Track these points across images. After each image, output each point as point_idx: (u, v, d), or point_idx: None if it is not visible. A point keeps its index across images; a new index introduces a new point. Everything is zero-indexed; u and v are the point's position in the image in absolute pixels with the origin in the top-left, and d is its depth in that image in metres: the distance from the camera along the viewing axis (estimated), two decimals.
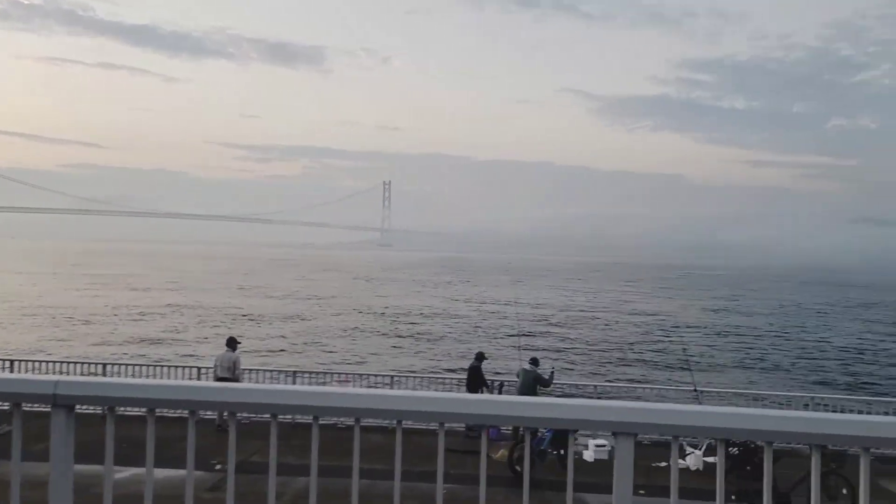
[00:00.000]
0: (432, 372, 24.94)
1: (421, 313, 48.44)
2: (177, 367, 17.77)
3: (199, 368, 17.04)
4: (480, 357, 15.40)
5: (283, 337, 35.22)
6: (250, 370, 17.45)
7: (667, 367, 29.70)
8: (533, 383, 13.69)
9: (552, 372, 14.24)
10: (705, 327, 44.69)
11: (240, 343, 16.05)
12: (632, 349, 34.27)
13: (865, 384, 27.55)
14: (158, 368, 17.87)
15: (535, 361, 14.01)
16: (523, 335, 24.80)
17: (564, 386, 16.29)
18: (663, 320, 48.34)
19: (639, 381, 25.60)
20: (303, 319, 43.14)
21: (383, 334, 37.55)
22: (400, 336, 36.76)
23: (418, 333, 38.10)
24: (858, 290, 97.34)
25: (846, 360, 33.06)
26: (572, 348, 34.13)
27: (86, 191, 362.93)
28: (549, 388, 13.91)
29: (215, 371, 15.47)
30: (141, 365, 17.96)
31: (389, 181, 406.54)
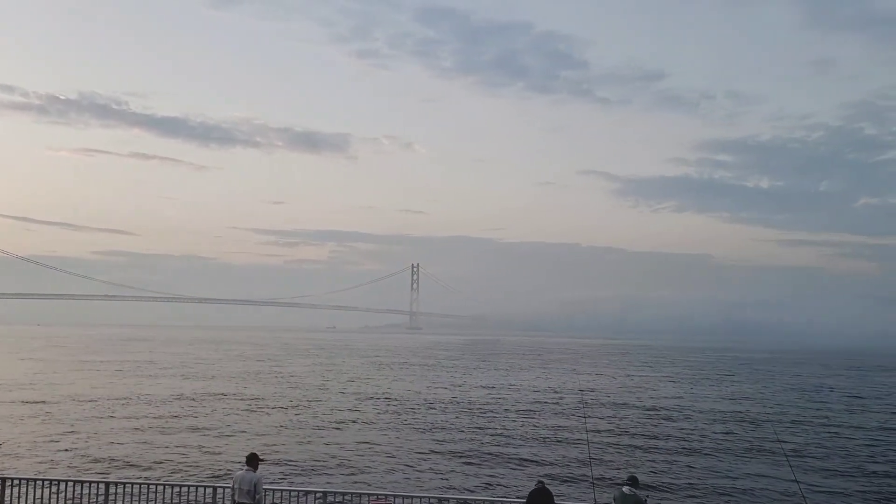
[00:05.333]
0: (489, 492, 21.95)
1: (453, 403, 45.46)
2: (189, 486, 15.43)
3: (214, 489, 14.71)
4: (542, 483, 12.90)
5: (303, 442, 32.24)
6: (273, 491, 15.08)
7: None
8: None
9: (646, 499, 11.72)
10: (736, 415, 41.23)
11: (262, 461, 13.79)
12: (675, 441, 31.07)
13: None
14: (169, 489, 15.52)
15: (634, 481, 11.51)
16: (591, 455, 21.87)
17: None
18: (689, 406, 45.04)
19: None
20: (322, 414, 40.42)
21: (421, 431, 34.53)
22: (438, 437, 33.65)
23: (454, 432, 35.14)
24: None
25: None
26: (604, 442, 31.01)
27: (116, 277, 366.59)
28: None
29: (233, 495, 13.26)
30: (149, 483, 15.62)
31: (417, 264, 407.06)
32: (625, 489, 11.41)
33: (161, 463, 25.45)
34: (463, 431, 34.30)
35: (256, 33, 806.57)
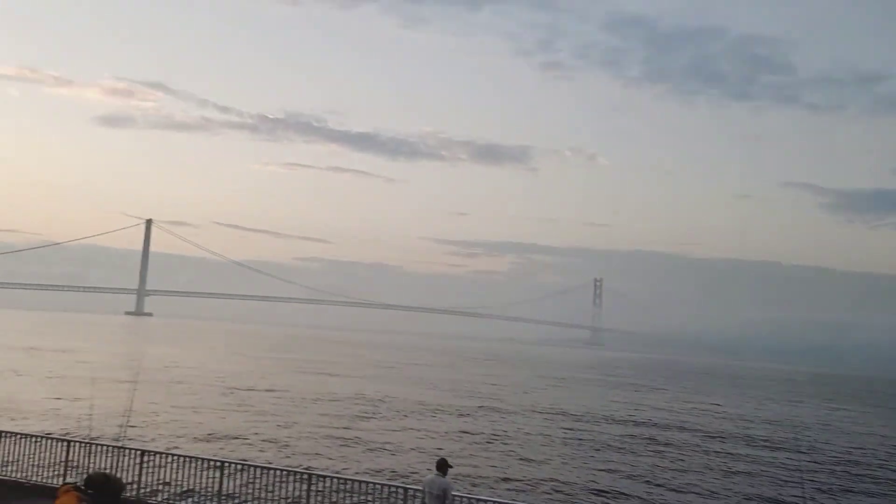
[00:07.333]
0: None
1: (632, 423, 43.28)
2: (382, 485, 15.68)
3: (406, 490, 14.83)
4: None
5: (486, 452, 32.27)
6: (462, 497, 14.92)
7: None
8: None
9: None
10: None
11: (451, 467, 13.67)
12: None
13: None
14: (364, 485, 15.92)
15: None
16: None
17: None
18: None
19: None
20: (518, 427, 40.16)
21: (632, 453, 33.22)
22: (615, 458, 32.24)
23: (631, 455, 33.40)
24: None
25: None
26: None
27: (314, 282, 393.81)
28: None
29: (423, 499, 13.29)
30: (346, 479, 16.14)
31: (601, 278, 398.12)
32: None
33: (351, 459, 26.50)
34: (642, 455, 32.51)
35: (443, 49, 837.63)
